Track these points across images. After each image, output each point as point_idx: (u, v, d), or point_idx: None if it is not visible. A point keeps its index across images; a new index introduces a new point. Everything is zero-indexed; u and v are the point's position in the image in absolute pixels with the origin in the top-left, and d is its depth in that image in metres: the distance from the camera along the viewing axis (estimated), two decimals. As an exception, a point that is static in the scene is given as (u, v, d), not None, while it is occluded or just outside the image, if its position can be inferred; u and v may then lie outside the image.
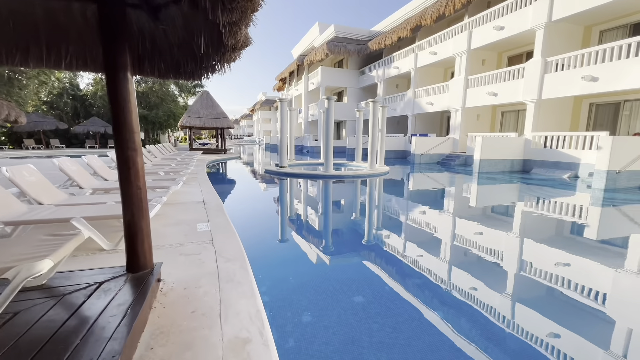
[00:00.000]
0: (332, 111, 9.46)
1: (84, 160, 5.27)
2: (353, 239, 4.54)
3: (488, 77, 14.20)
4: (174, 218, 4.09)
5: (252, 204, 6.71)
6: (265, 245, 4.09)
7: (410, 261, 3.56)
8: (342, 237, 4.62)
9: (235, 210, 5.72)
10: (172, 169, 7.31)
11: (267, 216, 5.67)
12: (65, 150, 21.57)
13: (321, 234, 4.68)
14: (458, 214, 5.96)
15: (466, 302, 2.64)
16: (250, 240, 3.91)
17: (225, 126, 19.06)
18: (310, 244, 4.16)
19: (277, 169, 10.39)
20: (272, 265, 3.44)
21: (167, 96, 28.40)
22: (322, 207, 6.47)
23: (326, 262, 3.55)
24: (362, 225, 5.18)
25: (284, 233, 4.62)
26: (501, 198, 7.86)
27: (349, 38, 25.09)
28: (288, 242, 4.25)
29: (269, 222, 5.26)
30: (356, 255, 3.84)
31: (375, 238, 4.47)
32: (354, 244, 4.28)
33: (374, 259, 3.66)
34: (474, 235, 4.55)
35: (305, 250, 3.96)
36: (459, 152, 15.80)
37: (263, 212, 5.95)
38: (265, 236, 4.50)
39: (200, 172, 8.89)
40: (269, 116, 67.01)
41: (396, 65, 21.13)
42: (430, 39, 17.86)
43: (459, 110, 15.79)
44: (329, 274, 3.22)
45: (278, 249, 3.98)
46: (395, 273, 3.21)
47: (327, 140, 9.55)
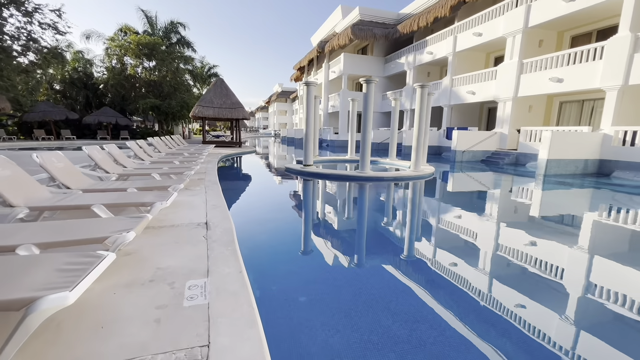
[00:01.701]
0: (371, 97, 7.59)
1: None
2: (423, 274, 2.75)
3: (551, 59, 11.87)
4: (148, 264, 2.41)
5: (277, 227, 4.43)
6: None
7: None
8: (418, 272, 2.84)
9: (252, 240, 3.79)
10: (172, 168, 5.69)
11: (302, 259, 3.93)
12: (75, 142, 20.60)
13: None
14: (560, 240, 4.04)
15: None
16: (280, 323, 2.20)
17: (241, 117, 17.44)
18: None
19: (301, 167, 8.66)
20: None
21: (181, 85, 27.05)
22: (364, 223, 4.71)
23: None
24: (427, 253, 3.38)
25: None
26: (600, 214, 5.84)
27: (375, 22, 22.89)
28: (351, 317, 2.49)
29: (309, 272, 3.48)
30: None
31: (443, 268, 2.67)
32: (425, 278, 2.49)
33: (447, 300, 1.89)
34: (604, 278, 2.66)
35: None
36: (507, 149, 13.59)
37: (293, 246, 3.91)
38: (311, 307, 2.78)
39: (209, 172, 7.26)
40: (285, 108, 65.45)
41: (430, 50, 18.85)
42: (474, 18, 15.51)
43: (509, 100, 13.52)
44: None
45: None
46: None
47: (364, 134, 7.71)
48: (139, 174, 4.98)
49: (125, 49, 24.29)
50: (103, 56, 26.17)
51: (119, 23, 26.42)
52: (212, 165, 8.55)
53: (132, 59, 24.96)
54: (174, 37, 27.47)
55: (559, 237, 4.32)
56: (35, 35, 15.60)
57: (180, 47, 27.72)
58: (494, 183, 9.10)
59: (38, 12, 15.16)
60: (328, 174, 8.18)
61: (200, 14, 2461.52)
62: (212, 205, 4.23)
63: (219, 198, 4.66)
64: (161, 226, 3.30)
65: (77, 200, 3.02)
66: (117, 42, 24.57)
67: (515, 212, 5.81)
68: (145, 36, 24.38)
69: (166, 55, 25.08)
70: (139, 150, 6.80)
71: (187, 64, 28.52)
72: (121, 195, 3.30)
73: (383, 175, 7.83)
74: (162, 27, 27.09)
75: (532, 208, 6.14)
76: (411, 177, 8.10)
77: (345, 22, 24.84)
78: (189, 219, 3.60)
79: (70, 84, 24.86)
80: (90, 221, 2.48)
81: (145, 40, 23.75)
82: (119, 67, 26.00)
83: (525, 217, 5.43)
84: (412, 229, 4.57)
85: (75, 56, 26.39)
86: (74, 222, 2.46)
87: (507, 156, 12.92)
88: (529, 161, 12.23)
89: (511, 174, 10.58)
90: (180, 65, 27.87)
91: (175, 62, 26.73)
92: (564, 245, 4.01)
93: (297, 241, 4.00)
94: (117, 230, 2.16)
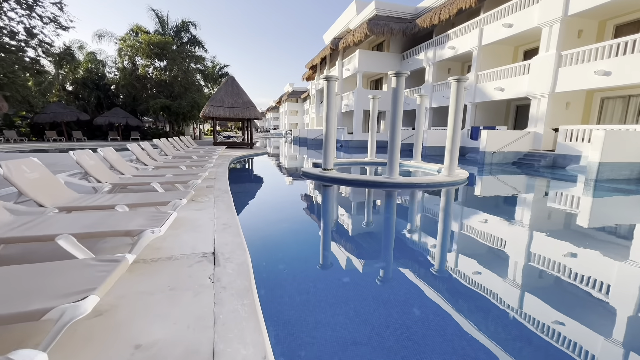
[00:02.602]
0: (401, 93, 6.67)
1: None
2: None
3: (595, 50, 10.66)
4: (124, 336, 1.58)
5: (302, 255, 3.45)
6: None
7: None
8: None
9: (276, 279, 2.81)
10: (177, 175, 4.92)
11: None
12: (86, 143, 20.31)
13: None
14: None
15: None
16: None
17: (253, 117, 16.72)
18: None
19: (320, 172, 7.80)
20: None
21: (192, 85, 26.61)
22: (406, 243, 3.80)
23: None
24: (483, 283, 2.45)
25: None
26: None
27: (392, 17, 21.83)
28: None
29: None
30: None
31: (501, 299, 1.77)
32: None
33: None
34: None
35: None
36: (542, 150, 12.40)
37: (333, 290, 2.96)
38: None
39: (219, 177, 6.48)
40: (295, 108, 64.85)
41: (452, 44, 17.71)
42: (503, 8, 14.33)
43: (545, 96, 12.33)
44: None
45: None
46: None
47: (393, 134, 6.79)
48: (137, 182, 4.21)
49: (136, 49, 23.97)
50: (115, 57, 26.00)
51: (130, 23, 26.14)
52: (223, 169, 7.77)
53: (143, 59, 24.63)
54: (185, 37, 27.07)
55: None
56: (36, 30, 15.06)
57: (191, 47, 27.29)
58: (538, 189, 8.03)
59: (38, 5, 14.61)
60: (351, 180, 7.27)
61: (210, 14, 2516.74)
62: (222, 224, 3.40)
63: (230, 213, 3.84)
64: (155, 258, 2.49)
65: (40, 230, 2.23)
66: (128, 42, 24.28)
67: (573, 226, 4.80)
68: (156, 35, 24.01)
69: (177, 55, 24.67)
70: (142, 154, 6.07)
71: (197, 64, 28.09)
72: (102, 217, 2.49)
73: (415, 182, 6.90)
74: (173, 27, 26.72)
75: (593, 219, 5.11)
76: (446, 183, 7.13)
77: (360, 18, 23.87)
78: (192, 245, 2.78)
79: (82, 84, 24.70)
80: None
81: (156, 39, 23.37)
82: (130, 67, 25.75)
83: (591, 232, 4.41)
84: (457, 248, 3.64)
85: (89, 57, 26.29)
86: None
87: (544, 158, 11.75)
88: (570, 163, 11.06)
89: (552, 178, 9.45)
90: (191, 65, 27.45)
91: (186, 61, 26.31)
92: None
93: (331, 279, 3.11)
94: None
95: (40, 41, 15.47)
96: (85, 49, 26.44)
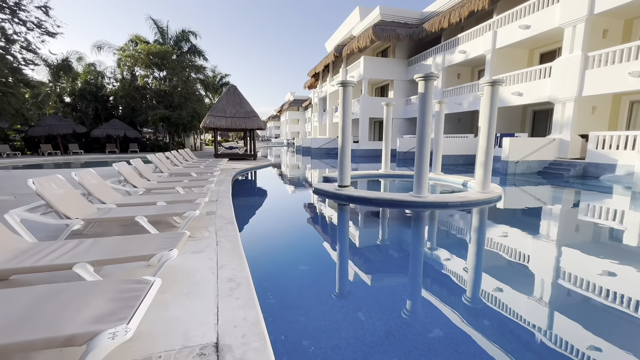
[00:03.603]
0: (431, 98, 5.80)
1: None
2: None
3: (628, 50, 9.83)
4: None
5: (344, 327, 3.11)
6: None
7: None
8: None
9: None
10: (170, 203, 4.00)
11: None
12: (82, 157, 19.49)
13: None
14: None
15: None
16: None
17: (256, 127, 15.90)
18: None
19: (335, 189, 6.88)
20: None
21: (192, 95, 25.94)
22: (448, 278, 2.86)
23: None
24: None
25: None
26: None
27: (397, 22, 21.21)
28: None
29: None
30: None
31: None
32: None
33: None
34: None
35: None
36: (569, 159, 11.47)
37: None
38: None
39: (222, 199, 5.57)
40: (297, 117, 64.36)
41: (463, 48, 16.96)
42: (520, 9, 13.59)
43: (571, 100, 11.46)
44: None
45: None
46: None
47: (421, 145, 5.89)
48: (116, 218, 3.29)
49: (135, 59, 23.38)
50: (114, 67, 25.40)
51: (129, 34, 25.63)
52: (226, 188, 6.87)
53: (143, 69, 24.03)
54: (185, 46, 26.54)
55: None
56: (21, 35, 13.95)
57: (191, 56, 26.75)
58: (586, 206, 7.07)
59: (21, 10, 13.53)
60: (372, 199, 6.33)
61: (210, 24, 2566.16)
62: (227, 279, 2.47)
63: (237, 258, 2.90)
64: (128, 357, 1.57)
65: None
66: (127, 52, 23.71)
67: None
68: (156, 45, 23.44)
69: (177, 64, 24.06)
70: (130, 174, 5.17)
71: (198, 73, 27.50)
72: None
73: (448, 201, 5.96)
74: (173, 37, 26.22)
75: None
76: (482, 201, 6.19)
77: (364, 24, 23.29)
78: (183, 330, 1.84)
79: (80, 96, 24.04)
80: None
81: (155, 49, 22.78)
82: (130, 78, 25.15)
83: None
84: (515, 285, 2.70)
85: (87, 68, 25.74)
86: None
87: (573, 167, 10.81)
88: (604, 173, 10.13)
89: (587, 189, 8.51)
90: (191, 75, 26.86)
91: (186, 71, 25.71)
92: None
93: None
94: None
95: (22, 47, 14.41)
96: (84, 60, 25.92)
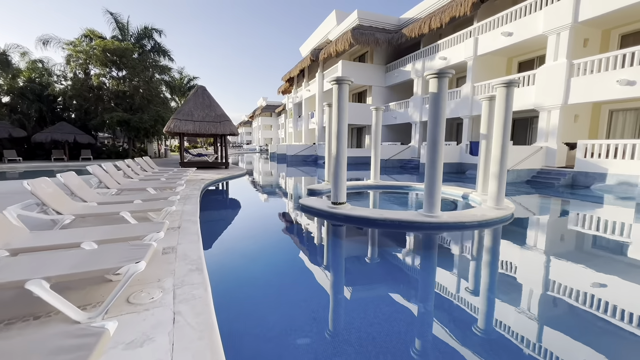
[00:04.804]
0: (443, 98, 4.89)
1: None
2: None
3: (614, 58, 9.75)
4: None
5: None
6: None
7: None
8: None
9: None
10: (100, 242, 2.64)
11: None
12: (19, 165, 16.72)
13: None
14: None
15: None
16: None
17: (228, 132, 14.39)
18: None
19: (329, 207, 5.74)
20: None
21: (156, 98, 23.73)
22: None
23: None
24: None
25: None
26: None
27: (375, 27, 20.77)
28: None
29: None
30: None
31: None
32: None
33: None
34: None
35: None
36: (558, 168, 11.25)
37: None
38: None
39: (186, 225, 4.21)
40: (270, 122, 62.78)
41: (443, 55, 16.73)
42: (502, 16, 13.47)
43: (557, 108, 11.30)
44: None
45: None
46: None
47: (433, 154, 4.94)
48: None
49: (89, 56, 20.89)
50: (64, 64, 22.58)
51: (82, 28, 23.00)
52: (192, 207, 5.46)
53: (98, 67, 21.54)
54: (148, 44, 24.34)
55: None
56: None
57: (155, 55, 24.57)
58: (605, 218, 6.50)
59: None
60: (377, 220, 5.24)
61: (177, 25, 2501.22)
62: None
63: (210, 346, 1.65)
64: None
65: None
66: (79, 48, 21.15)
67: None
68: (113, 41, 21.13)
69: (138, 63, 21.86)
70: (50, 195, 3.67)
71: (163, 74, 25.33)
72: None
73: (465, 221, 5.02)
74: (135, 33, 23.94)
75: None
76: (499, 220, 5.34)
77: (341, 28, 22.66)
78: None
79: (20, 95, 21.00)
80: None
81: (113, 45, 20.50)
82: (83, 76, 22.49)
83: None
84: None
85: (32, 65, 22.69)
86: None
87: (562, 176, 10.53)
88: (594, 182, 9.90)
89: (592, 201, 8.09)
90: (155, 75, 24.65)
91: (149, 71, 23.51)
92: None
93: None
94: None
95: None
96: (29, 56, 22.86)
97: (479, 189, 7.44)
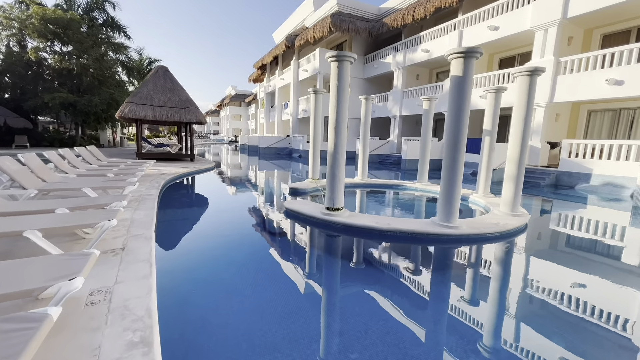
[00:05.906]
0: (469, 83, 4.04)
1: None
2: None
3: (602, 57, 9.61)
4: None
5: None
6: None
7: None
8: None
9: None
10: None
11: None
12: None
13: None
14: None
15: None
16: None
17: (194, 120, 12.72)
18: None
19: (323, 213, 4.71)
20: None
21: (109, 79, 20.99)
22: None
23: None
24: None
25: None
26: None
27: (354, 15, 19.77)
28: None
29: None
30: None
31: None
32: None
33: None
34: None
35: None
36: (541, 167, 11.12)
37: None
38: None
39: (132, 249, 2.98)
40: (239, 112, 59.91)
41: (426, 47, 16.17)
42: (488, 9, 13.07)
43: (542, 106, 11.11)
44: None
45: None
46: None
47: (455, 150, 4.10)
48: None
49: (24, 25, 17.77)
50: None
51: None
52: (145, 214, 4.16)
53: (36, 39, 18.44)
54: (100, 17, 21.39)
55: None
56: None
57: (108, 30, 21.69)
58: (609, 223, 6.10)
59: None
60: (380, 230, 4.30)
61: (135, 1, 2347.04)
62: None
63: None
64: None
65: None
66: (11, 14, 17.93)
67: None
68: (56, 10, 18.15)
69: (86, 38, 19.04)
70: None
71: (118, 53, 22.49)
72: None
73: (487, 232, 4.25)
74: (83, 4, 20.88)
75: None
76: (520, 229, 4.65)
77: (318, 15, 21.39)
78: None
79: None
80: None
81: (54, 15, 17.58)
82: (18, 50, 19.22)
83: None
84: None
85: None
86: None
87: (547, 175, 10.37)
88: (578, 182, 9.80)
89: (572, 200, 7.84)
90: (108, 53, 21.80)
91: (101, 48, 20.68)
92: None
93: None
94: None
95: None
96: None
97: (480, 190, 6.84)
